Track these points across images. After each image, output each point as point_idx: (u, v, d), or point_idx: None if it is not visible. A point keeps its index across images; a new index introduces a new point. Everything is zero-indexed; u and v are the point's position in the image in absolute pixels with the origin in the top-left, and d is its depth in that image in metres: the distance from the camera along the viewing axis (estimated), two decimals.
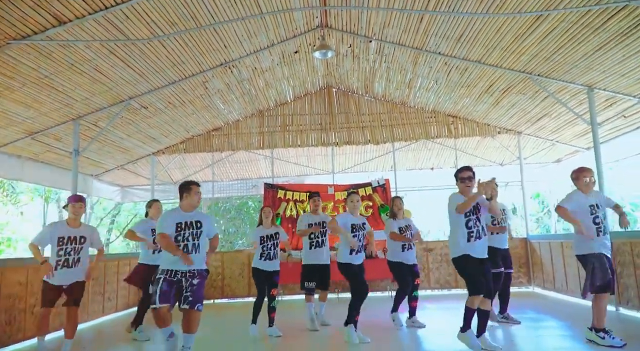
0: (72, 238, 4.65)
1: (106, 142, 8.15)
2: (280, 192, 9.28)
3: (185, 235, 4.19)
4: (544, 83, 6.92)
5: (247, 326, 5.52)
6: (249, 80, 8.16)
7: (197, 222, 4.25)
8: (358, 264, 5.09)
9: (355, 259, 5.05)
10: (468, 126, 9.50)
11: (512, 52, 6.39)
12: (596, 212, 4.56)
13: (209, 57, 6.82)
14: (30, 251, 4.61)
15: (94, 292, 7.10)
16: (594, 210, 4.56)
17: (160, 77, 6.81)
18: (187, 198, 4.26)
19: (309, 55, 7.93)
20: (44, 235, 4.62)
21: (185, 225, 4.20)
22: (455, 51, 6.86)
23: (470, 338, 4.31)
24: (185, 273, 4.10)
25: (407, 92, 8.94)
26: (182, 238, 4.17)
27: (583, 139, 8.74)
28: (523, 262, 9.03)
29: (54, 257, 4.59)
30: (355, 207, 5.17)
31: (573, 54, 6.01)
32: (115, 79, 6.37)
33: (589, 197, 4.62)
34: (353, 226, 5.07)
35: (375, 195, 9.23)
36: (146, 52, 6.02)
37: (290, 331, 5.69)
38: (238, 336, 5.63)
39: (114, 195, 10.54)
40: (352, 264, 5.04)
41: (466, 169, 4.59)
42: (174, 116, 8.29)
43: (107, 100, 6.82)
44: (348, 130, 9.68)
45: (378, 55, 7.72)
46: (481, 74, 7.33)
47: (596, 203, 4.60)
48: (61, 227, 4.71)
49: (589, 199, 4.60)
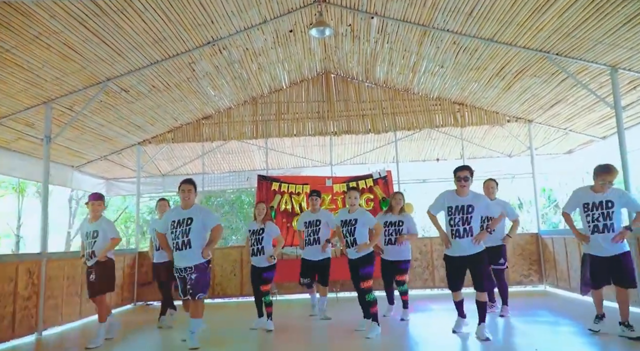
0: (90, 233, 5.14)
1: (85, 129, 7.51)
2: (275, 184, 8.67)
3: (177, 233, 4.54)
4: (563, 63, 6.31)
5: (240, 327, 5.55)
6: (240, 63, 7.52)
7: (188, 219, 4.55)
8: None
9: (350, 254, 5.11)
10: (475, 114, 8.88)
11: (529, 28, 5.77)
12: (592, 210, 4.55)
13: (195, 34, 6.19)
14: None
15: (69, 293, 6.48)
16: (587, 208, 4.58)
17: (141, 56, 6.17)
18: (180, 196, 4.66)
19: (305, 35, 7.30)
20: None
21: (178, 223, 4.57)
22: (466, 28, 6.23)
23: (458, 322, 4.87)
24: (185, 269, 4.53)
25: (411, 77, 8.31)
26: (174, 236, 4.55)
27: (598, 127, 8.14)
28: (534, 259, 8.43)
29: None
30: (353, 203, 5.17)
31: (597, 29, 5.39)
32: (89, 56, 5.73)
33: (597, 194, 4.57)
34: (342, 222, 5.14)
35: (377, 188, 8.62)
36: (122, 26, 5.38)
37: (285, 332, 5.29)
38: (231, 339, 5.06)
39: (98, 188, 9.88)
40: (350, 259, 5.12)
41: (465, 168, 4.69)
42: (159, 102, 7.65)
43: (82, 81, 6.19)
44: (347, 118, 9.06)
45: (380, 34, 7.10)
46: (493, 54, 6.71)
47: (603, 200, 4.52)
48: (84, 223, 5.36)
49: (595, 196, 4.57)
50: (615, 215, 4.49)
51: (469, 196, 4.66)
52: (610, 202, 4.50)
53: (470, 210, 4.60)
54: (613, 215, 4.48)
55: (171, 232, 4.56)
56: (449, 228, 4.68)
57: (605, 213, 4.49)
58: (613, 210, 4.49)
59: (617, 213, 4.51)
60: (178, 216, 4.58)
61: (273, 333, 5.31)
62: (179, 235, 4.50)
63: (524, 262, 8.43)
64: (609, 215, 4.48)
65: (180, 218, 4.56)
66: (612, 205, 4.49)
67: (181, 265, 4.53)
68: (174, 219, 4.57)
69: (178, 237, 4.50)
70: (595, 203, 4.55)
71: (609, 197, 4.52)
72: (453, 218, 4.63)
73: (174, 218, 4.58)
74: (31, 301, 5.67)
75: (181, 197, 4.63)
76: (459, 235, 4.60)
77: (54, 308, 6.14)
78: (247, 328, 5.57)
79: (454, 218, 4.62)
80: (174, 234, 4.53)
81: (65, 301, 6.36)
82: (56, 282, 6.20)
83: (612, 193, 4.54)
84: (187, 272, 4.50)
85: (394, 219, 5.74)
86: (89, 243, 5.09)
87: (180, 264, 4.54)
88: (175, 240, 4.52)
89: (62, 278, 6.33)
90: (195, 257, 4.50)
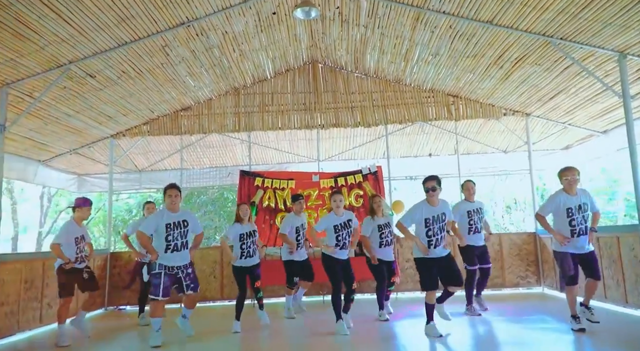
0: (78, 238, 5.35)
1: (49, 119, 6.88)
2: (258, 179, 8.11)
3: (175, 235, 4.82)
4: (568, 48, 5.85)
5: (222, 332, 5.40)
6: (220, 49, 6.96)
7: (184, 221, 4.91)
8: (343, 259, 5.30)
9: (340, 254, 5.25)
10: (470, 107, 8.42)
11: (533, 8, 5.28)
12: (574, 214, 4.71)
13: (166, 13, 5.61)
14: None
15: (28, 298, 5.87)
16: (571, 212, 4.72)
17: (106, 36, 5.58)
18: (166, 200, 4.91)
19: (290, 19, 6.78)
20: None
21: (174, 226, 4.83)
22: (463, 10, 5.75)
23: (433, 328, 4.81)
24: (181, 267, 4.87)
25: (403, 65, 7.82)
26: (172, 238, 4.81)
27: (600, 121, 7.72)
28: (532, 260, 8.00)
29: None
30: (338, 206, 5.27)
31: (607, 10, 4.93)
32: (47, 36, 5.12)
33: (573, 197, 4.75)
34: (335, 227, 5.20)
35: (367, 184, 8.11)
36: (84, 1, 4.79)
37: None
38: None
39: (69, 185, 9.26)
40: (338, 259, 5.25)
41: (431, 179, 4.87)
42: (131, 90, 7.05)
43: (40, 63, 5.57)
44: (335, 111, 8.54)
45: (370, 18, 6.59)
46: (491, 40, 6.24)
47: (579, 204, 4.73)
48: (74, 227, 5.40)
49: (572, 200, 4.75)
50: (588, 217, 4.80)
51: (440, 205, 4.88)
52: (585, 204, 4.77)
53: (443, 218, 4.85)
54: (588, 217, 4.79)
55: (167, 234, 4.78)
56: (425, 239, 4.80)
57: (584, 216, 4.76)
58: (588, 212, 4.78)
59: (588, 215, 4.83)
60: (172, 219, 4.85)
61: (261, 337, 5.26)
62: (177, 237, 4.82)
63: (521, 262, 7.99)
64: (586, 218, 4.77)
65: (175, 220, 4.87)
66: (587, 208, 4.77)
67: (177, 263, 4.83)
68: (169, 222, 4.82)
69: (177, 238, 4.82)
70: (576, 207, 4.75)
71: (583, 200, 4.76)
72: (432, 229, 4.79)
73: (168, 221, 4.81)
74: None
75: (169, 202, 4.88)
76: (437, 243, 4.81)
77: (10, 315, 5.53)
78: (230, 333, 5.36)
79: (433, 228, 4.79)
80: (171, 236, 4.79)
81: (22, 308, 5.74)
82: (12, 287, 5.59)
83: (583, 196, 4.80)
84: (183, 268, 4.86)
85: (383, 221, 5.87)
86: (79, 247, 5.29)
87: (175, 263, 4.82)
88: (173, 241, 4.80)
89: (19, 282, 5.72)
90: (188, 256, 4.97)
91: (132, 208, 15.66)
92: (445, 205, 4.91)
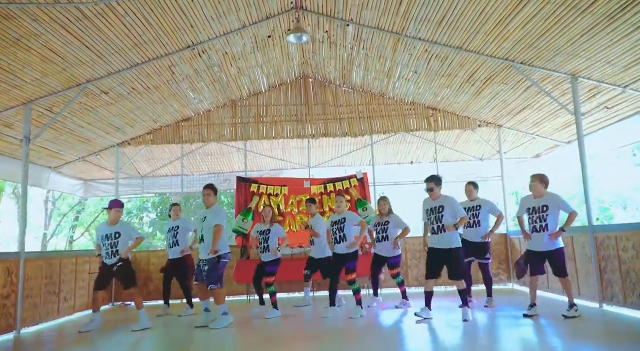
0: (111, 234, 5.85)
1: (64, 130, 7.56)
2: (254, 185, 8.83)
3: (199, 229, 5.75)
4: (527, 72, 6.67)
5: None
6: (220, 67, 7.69)
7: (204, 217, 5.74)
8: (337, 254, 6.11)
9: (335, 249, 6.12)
10: (448, 119, 9.22)
11: (496, 37, 6.10)
12: (531, 214, 5.46)
13: (175, 38, 6.33)
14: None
15: (48, 292, 6.53)
16: (530, 212, 5.49)
17: (121, 59, 6.29)
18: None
19: (283, 41, 7.51)
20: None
21: (200, 220, 5.76)
22: (437, 36, 6.54)
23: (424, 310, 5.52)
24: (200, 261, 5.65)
25: (386, 82, 8.60)
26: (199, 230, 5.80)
27: (564, 133, 8.55)
28: (503, 258, 8.80)
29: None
30: (339, 206, 6.23)
31: (558, 40, 5.74)
32: (70, 59, 5.83)
33: (535, 200, 5.50)
34: (333, 222, 6.16)
35: (353, 190, 8.86)
36: (103, 30, 5.50)
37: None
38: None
39: (76, 190, 9.90)
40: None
41: (428, 180, 5.59)
42: (139, 104, 7.75)
43: (62, 82, 6.27)
44: (325, 122, 9.30)
45: (356, 41, 7.36)
46: (463, 62, 7.04)
47: (540, 206, 5.41)
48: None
49: (533, 202, 5.51)
50: (550, 217, 5.36)
51: (439, 199, 5.58)
52: (546, 206, 5.39)
53: (440, 210, 5.48)
54: (547, 217, 5.36)
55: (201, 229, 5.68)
56: (430, 228, 5.62)
57: (541, 216, 5.38)
58: (547, 213, 5.37)
59: (552, 216, 5.37)
60: (201, 215, 5.82)
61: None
62: (200, 231, 5.68)
63: (494, 261, 8.74)
64: (544, 218, 5.37)
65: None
66: (546, 209, 5.38)
67: (200, 257, 5.66)
68: (199, 217, 5.91)
69: (200, 232, 5.68)
70: (535, 208, 5.45)
71: (544, 202, 5.40)
72: (430, 218, 5.58)
73: (198, 216, 5.94)
74: (10, 300, 5.72)
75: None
76: (435, 232, 5.52)
77: (33, 307, 6.19)
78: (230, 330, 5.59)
79: (431, 218, 5.56)
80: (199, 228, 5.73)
81: (43, 301, 6.40)
82: (35, 282, 6.25)
83: (547, 199, 5.42)
84: (202, 264, 5.60)
85: (382, 220, 6.77)
86: (110, 243, 5.78)
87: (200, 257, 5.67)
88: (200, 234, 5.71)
89: (41, 277, 6.38)
90: (204, 252, 5.59)
91: (132, 210, 16.47)
92: (444, 200, 5.50)
